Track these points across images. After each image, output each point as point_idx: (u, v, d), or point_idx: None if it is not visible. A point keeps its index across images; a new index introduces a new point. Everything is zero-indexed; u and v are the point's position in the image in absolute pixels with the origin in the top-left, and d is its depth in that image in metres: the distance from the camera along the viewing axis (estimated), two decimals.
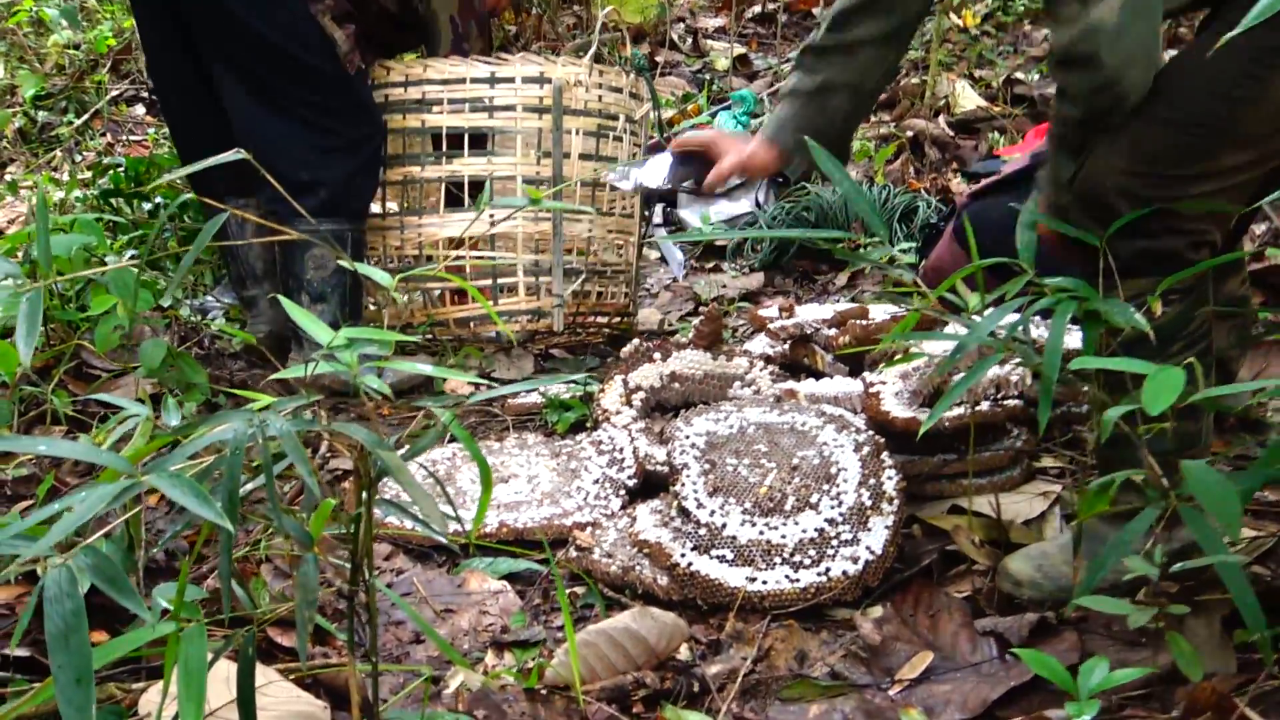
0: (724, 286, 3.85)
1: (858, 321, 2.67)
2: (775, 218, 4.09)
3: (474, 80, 3.07)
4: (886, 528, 2.00)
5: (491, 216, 3.06)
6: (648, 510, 2.17)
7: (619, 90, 3.26)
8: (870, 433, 2.17)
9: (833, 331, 2.72)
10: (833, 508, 2.03)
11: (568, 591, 2.06)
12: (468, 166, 3.09)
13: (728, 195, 4.40)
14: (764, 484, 2.08)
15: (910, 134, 5.04)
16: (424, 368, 1.34)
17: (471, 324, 3.17)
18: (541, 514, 2.24)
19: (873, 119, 5.59)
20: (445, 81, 3.06)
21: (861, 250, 3.87)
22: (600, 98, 3.21)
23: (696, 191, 2.49)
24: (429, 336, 3.14)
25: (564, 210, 3.11)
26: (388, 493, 2.19)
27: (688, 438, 2.17)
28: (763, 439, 2.18)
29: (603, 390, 2.64)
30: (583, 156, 3.19)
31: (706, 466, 2.12)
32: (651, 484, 2.35)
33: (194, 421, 1.33)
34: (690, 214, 4.41)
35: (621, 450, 2.41)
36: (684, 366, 2.70)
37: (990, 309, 2.69)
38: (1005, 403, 2.25)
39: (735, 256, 4.17)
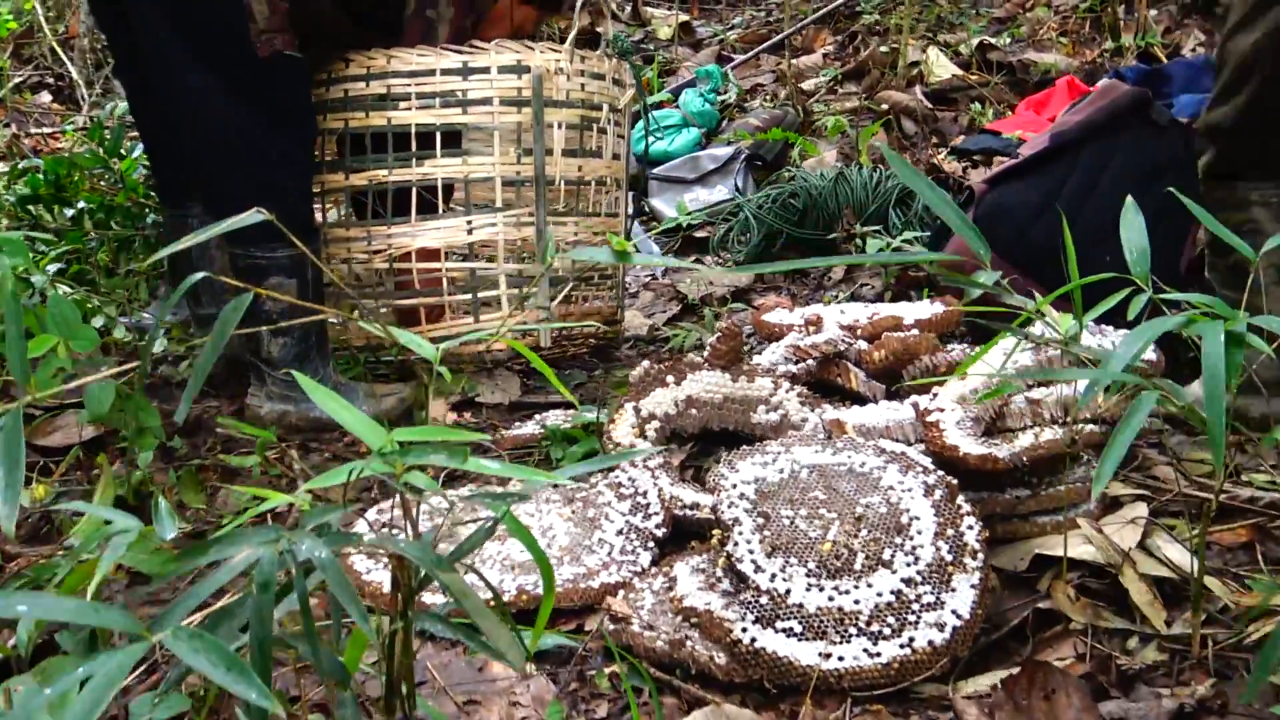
0: (710, 284, 3.60)
1: (894, 334, 2.44)
2: (762, 206, 3.84)
3: (444, 72, 2.79)
4: (973, 587, 1.78)
5: (469, 223, 2.79)
6: (688, 570, 1.93)
7: (601, 77, 3.00)
8: (940, 473, 1.94)
9: (864, 344, 2.48)
10: (909, 565, 1.81)
11: (607, 672, 1.81)
12: (440, 168, 2.82)
13: (702, 181, 4.15)
14: (827, 538, 1.85)
15: (886, 107, 4.82)
16: (486, 462, 1.09)
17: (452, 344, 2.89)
18: (564, 575, 2.00)
19: (839, 90, 5.37)
20: (413, 74, 2.78)
21: (856, 241, 3.64)
22: (583, 86, 2.94)
23: None
24: (403, 359, 2.86)
25: (548, 214, 2.85)
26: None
27: (735, 487, 1.93)
28: (819, 485, 1.95)
29: (613, 420, 2.39)
30: (566, 153, 2.92)
31: (759, 520, 1.88)
32: (681, 531, 2.11)
33: (198, 548, 1.06)
34: (663, 203, 4.15)
35: (645, 494, 2.17)
36: (701, 390, 2.46)
37: (1101, 327, 2.47)
38: (1080, 427, 2.03)
39: (719, 249, 3.92)
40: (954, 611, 1.75)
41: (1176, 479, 2.10)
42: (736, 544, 1.84)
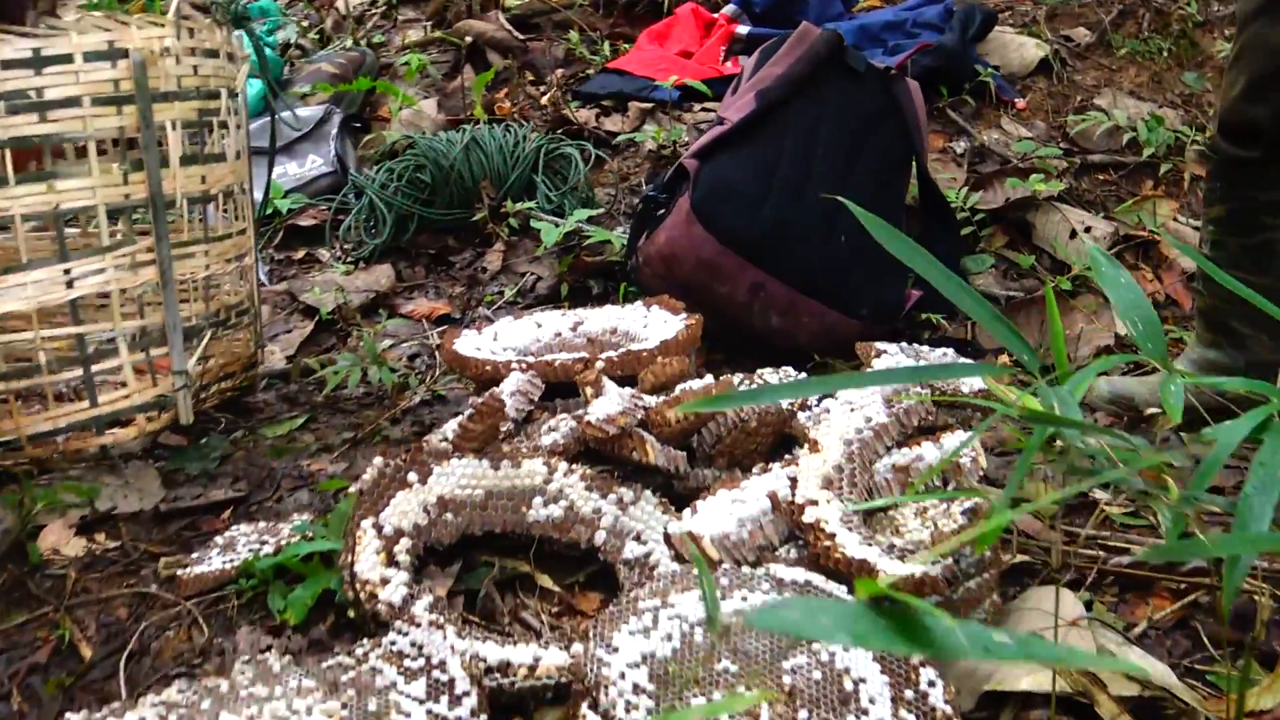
0: (340, 289, 3.00)
1: (692, 387, 2.01)
2: (387, 185, 3.25)
3: (8, 65, 2.03)
4: None
5: (68, 272, 2.08)
6: None
7: (215, 54, 2.32)
8: None
9: (651, 400, 2.04)
10: None
11: None
12: (17, 200, 2.06)
13: (289, 152, 3.49)
14: None
15: (469, 39, 4.30)
16: None
17: (60, 438, 2.17)
18: None
19: (398, 18, 4.79)
20: None
21: (510, 221, 3.16)
22: (196, 69, 2.26)
23: None
24: None
25: (172, 246, 2.18)
26: None
27: (623, 676, 1.45)
28: (724, 650, 1.51)
29: (351, 549, 1.82)
30: (185, 160, 2.24)
31: None
32: (500, 705, 1.63)
33: None
34: None
35: (442, 665, 1.65)
36: (455, 487, 1.94)
37: (917, 348, 2.15)
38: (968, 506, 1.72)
39: (335, 241, 3.30)
40: None
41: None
42: None
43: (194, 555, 2.01)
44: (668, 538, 1.75)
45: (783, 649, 1.52)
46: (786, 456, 2.02)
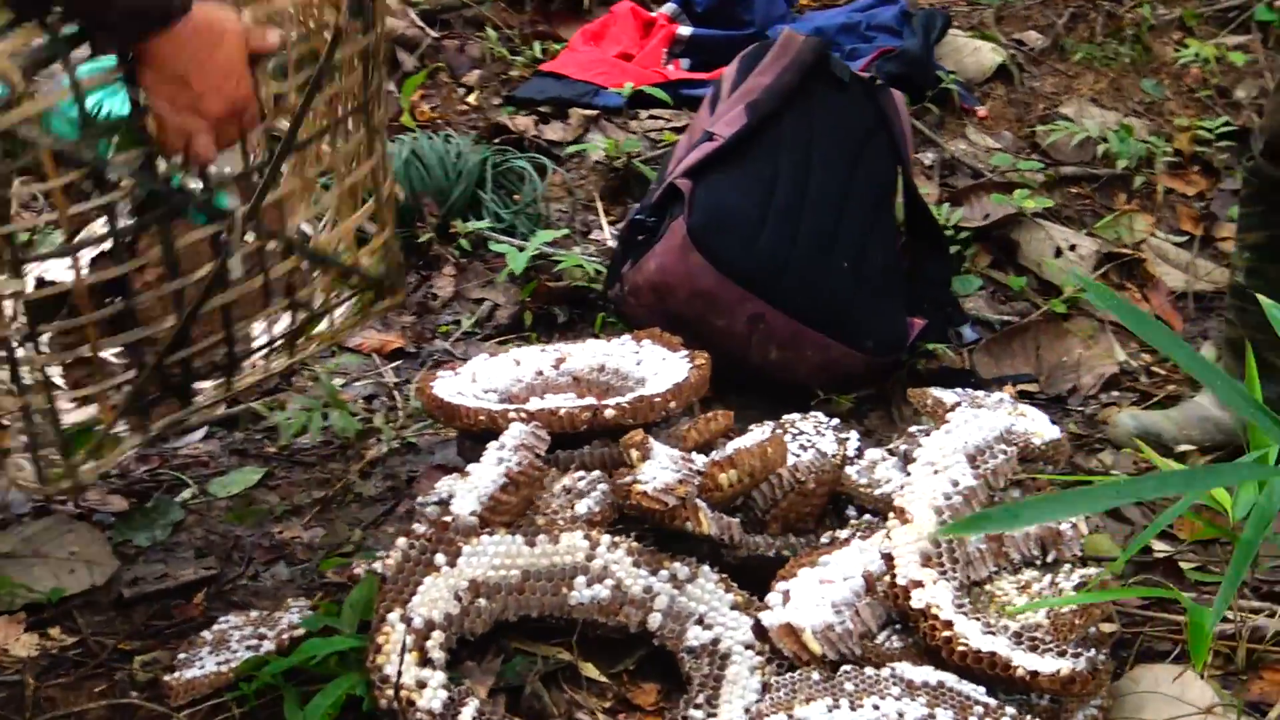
0: None
1: (745, 446, 1.84)
2: None
3: None
4: None
5: None
6: None
7: None
8: (1011, 712, 1.40)
9: (700, 460, 1.86)
10: None
11: None
12: None
13: None
14: None
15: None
16: None
17: None
18: None
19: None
20: None
21: (461, 242, 2.94)
22: None
23: None
24: None
25: None
26: None
27: None
28: None
29: (378, 647, 1.61)
30: None
31: None
32: None
33: None
34: None
35: None
36: (487, 569, 1.75)
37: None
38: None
39: None
40: None
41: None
42: None
43: (180, 656, 1.77)
44: (761, 630, 1.57)
45: None
46: (854, 522, 1.86)
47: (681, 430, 2.00)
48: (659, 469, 1.79)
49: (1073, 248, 3.01)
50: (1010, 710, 1.42)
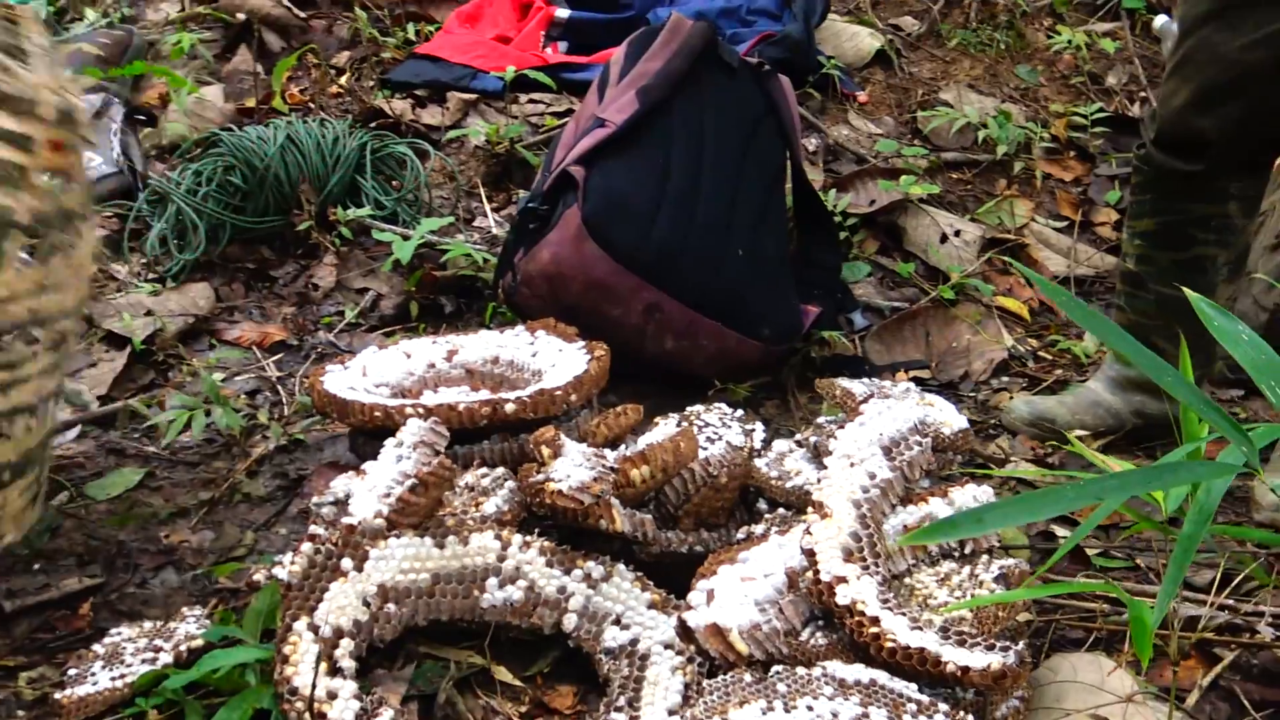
0: (149, 313, 2.65)
1: (658, 443, 1.81)
2: (196, 190, 2.88)
3: None
4: None
5: None
6: None
7: None
8: (944, 709, 1.40)
9: (612, 455, 1.83)
10: None
11: None
12: None
13: None
14: None
15: (240, 16, 3.91)
16: None
17: None
18: None
19: None
20: None
21: (342, 230, 2.86)
22: None
23: None
24: None
25: None
26: None
27: None
28: None
29: (285, 655, 1.55)
30: None
31: None
32: None
33: None
34: None
35: None
36: (396, 573, 1.70)
37: (881, 384, 2.00)
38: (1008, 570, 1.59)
39: (134, 256, 2.90)
40: None
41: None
42: None
43: (70, 671, 1.68)
44: (686, 631, 1.54)
45: None
46: (767, 516, 1.84)
47: (590, 425, 1.96)
48: (572, 466, 1.76)
49: (958, 233, 3.04)
50: (943, 707, 1.41)
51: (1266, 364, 1.25)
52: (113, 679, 1.64)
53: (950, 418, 1.93)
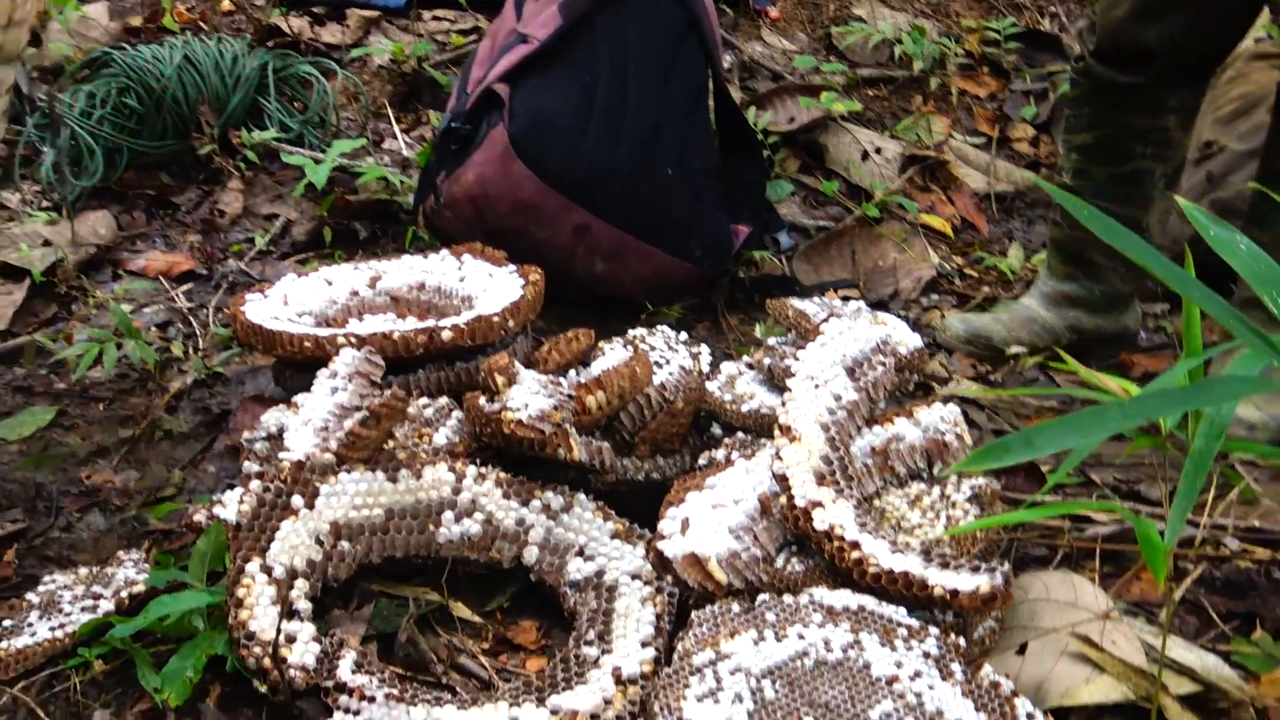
0: (48, 243, 2.51)
1: (614, 368, 1.76)
2: (90, 113, 2.73)
3: None
4: None
5: None
6: None
7: None
8: (929, 630, 1.39)
9: (567, 382, 1.77)
10: None
11: None
12: None
13: None
14: None
15: None
16: None
17: None
18: None
19: None
20: None
21: (249, 153, 2.74)
22: None
23: None
24: None
25: None
26: None
27: None
28: (802, 709, 1.30)
29: (238, 599, 1.48)
30: None
31: None
32: None
33: None
34: None
35: None
36: (348, 509, 1.63)
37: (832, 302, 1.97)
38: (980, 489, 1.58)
39: (26, 183, 2.74)
40: None
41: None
42: None
43: (5, 623, 1.58)
44: (663, 561, 1.50)
45: (864, 694, 1.32)
46: (726, 442, 1.80)
47: (540, 352, 1.90)
48: (529, 394, 1.69)
49: (878, 150, 3.01)
50: (934, 631, 1.39)
51: (1266, 273, 1.23)
52: (52, 629, 1.55)
53: (905, 336, 1.90)
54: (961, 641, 1.39)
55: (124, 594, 1.59)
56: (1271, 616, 1.64)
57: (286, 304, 2.15)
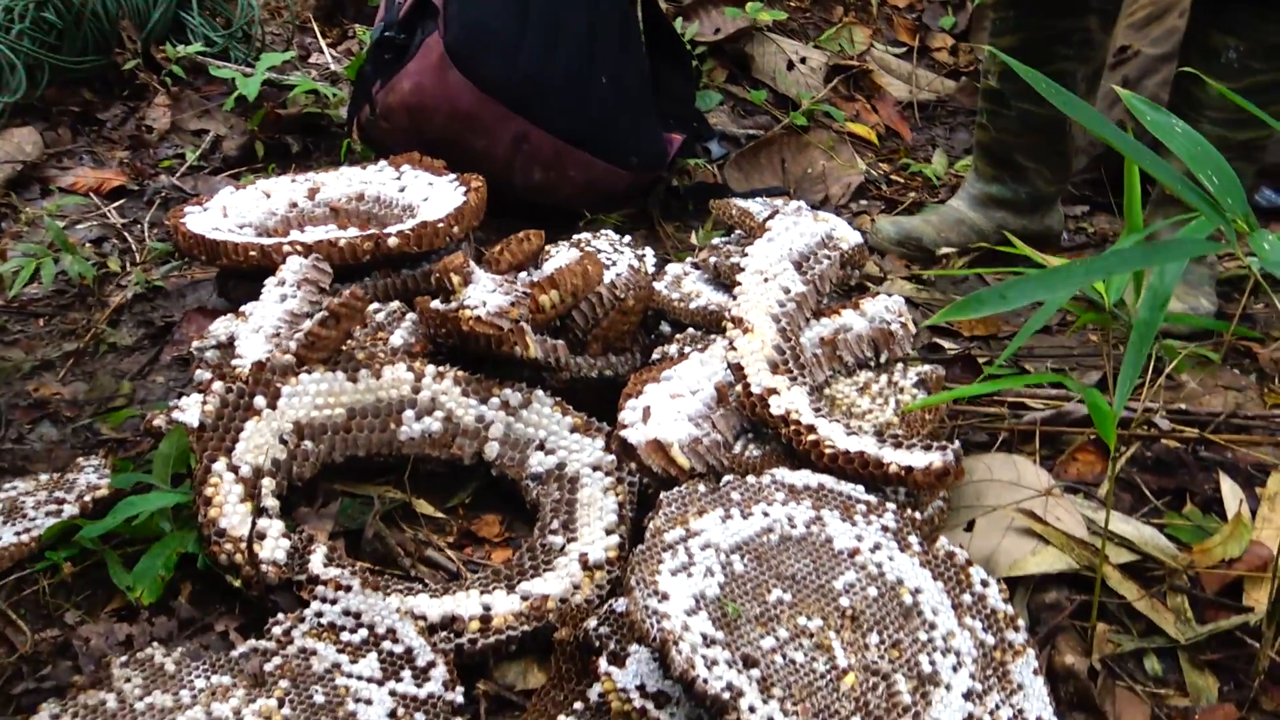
0: None
1: (567, 267, 1.79)
2: (6, 26, 2.67)
3: None
4: (1035, 673, 1.36)
5: None
6: None
7: None
8: (884, 505, 1.45)
9: (522, 281, 1.80)
10: (955, 669, 1.33)
11: None
12: None
13: None
14: (839, 665, 1.29)
15: None
16: None
17: None
18: None
19: None
20: None
21: (174, 69, 2.71)
22: None
23: None
24: None
25: None
26: None
27: (687, 628, 1.26)
28: (771, 579, 1.36)
29: (207, 497, 1.51)
30: None
31: (755, 676, 1.26)
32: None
33: None
34: None
35: (390, 633, 1.40)
36: (310, 409, 1.65)
37: (779, 203, 2.00)
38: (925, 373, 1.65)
39: None
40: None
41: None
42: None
43: None
44: (628, 448, 1.54)
45: (828, 566, 1.38)
46: (677, 338, 1.84)
47: (492, 252, 1.92)
48: (485, 293, 1.71)
49: (803, 60, 3.05)
50: (890, 506, 1.45)
51: (1201, 154, 1.28)
52: (16, 533, 1.55)
53: (846, 233, 1.95)
54: (918, 515, 1.45)
55: (88, 498, 1.59)
56: (1200, 492, 1.72)
57: (226, 216, 2.15)
